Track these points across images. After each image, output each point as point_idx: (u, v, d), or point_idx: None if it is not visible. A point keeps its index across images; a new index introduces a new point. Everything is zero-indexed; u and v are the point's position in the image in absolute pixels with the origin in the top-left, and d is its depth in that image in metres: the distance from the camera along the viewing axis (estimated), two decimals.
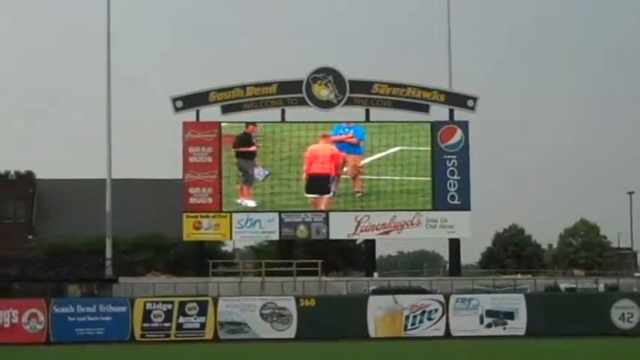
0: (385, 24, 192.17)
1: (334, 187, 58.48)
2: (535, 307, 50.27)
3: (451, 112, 59.98)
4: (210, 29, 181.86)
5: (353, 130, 59.14)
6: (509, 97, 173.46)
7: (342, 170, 58.74)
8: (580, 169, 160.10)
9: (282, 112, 59.26)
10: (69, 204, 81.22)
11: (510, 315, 50.22)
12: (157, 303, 49.68)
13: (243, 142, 58.52)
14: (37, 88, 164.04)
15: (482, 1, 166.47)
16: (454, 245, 59.91)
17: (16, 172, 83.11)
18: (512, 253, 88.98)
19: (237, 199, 58.30)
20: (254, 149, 58.45)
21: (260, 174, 58.35)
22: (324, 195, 58.33)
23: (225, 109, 58.93)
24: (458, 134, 59.48)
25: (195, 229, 58.19)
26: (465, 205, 58.88)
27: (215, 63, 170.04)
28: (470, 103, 59.96)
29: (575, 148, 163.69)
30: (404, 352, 42.04)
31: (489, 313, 50.19)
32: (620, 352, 40.24)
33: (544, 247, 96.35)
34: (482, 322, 50.14)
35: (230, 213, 58.19)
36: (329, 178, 58.37)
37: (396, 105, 59.78)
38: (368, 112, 59.61)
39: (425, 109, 59.80)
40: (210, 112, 59.07)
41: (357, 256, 75.30)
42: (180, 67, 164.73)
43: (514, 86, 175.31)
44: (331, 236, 59.44)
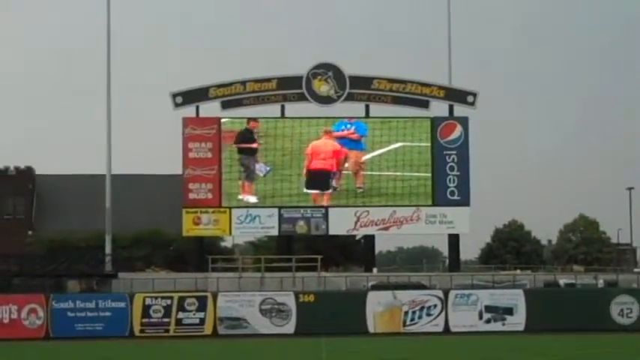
0: (385, 19, 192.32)
1: (335, 183, 58.38)
2: (534, 303, 50.31)
3: (451, 107, 59.92)
4: (210, 25, 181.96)
5: (354, 126, 59.05)
6: (508, 93, 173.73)
7: (344, 166, 58.67)
8: (580, 164, 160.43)
9: (282, 107, 59.18)
10: (68, 199, 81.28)
11: (509, 310, 50.26)
12: (156, 298, 49.77)
13: (244, 139, 58.45)
14: (36, 84, 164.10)
15: None
16: (453, 241, 59.86)
17: (16, 168, 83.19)
18: (511, 248, 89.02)
19: (239, 194, 58.25)
20: (256, 146, 58.40)
21: (261, 170, 58.29)
22: (324, 191, 58.28)
23: (225, 104, 58.84)
24: (458, 130, 59.41)
25: (195, 224, 58.15)
26: (465, 201, 58.83)
27: (215, 59, 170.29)
28: (470, 98, 59.89)
29: (575, 143, 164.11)
30: (403, 347, 42.01)
31: (488, 308, 50.23)
32: (620, 348, 40.24)
33: (543, 242, 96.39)
34: (481, 317, 50.20)
35: (229, 208, 58.14)
36: (330, 173, 58.28)
37: (396, 101, 59.68)
38: (368, 108, 59.52)
39: (425, 104, 59.72)
40: (210, 108, 59.03)
41: (356, 252, 75.30)
42: (180, 62, 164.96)
43: (514, 82, 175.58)
44: (331, 232, 59.37)
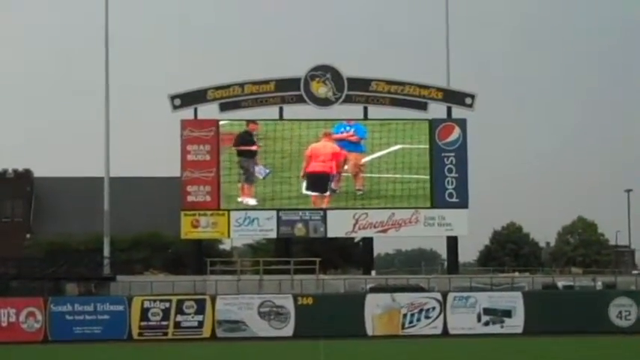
0: (383, 21, 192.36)
1: (335, 185, 58.33)
2: (533, 305, 50.28)
3: (449, 109, 59.88)
4: (209, 27, 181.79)
5: (354, 129, 59.01)
6: (507, 95, 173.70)
7: (344, 168, 58.63)
8: (578, 167, 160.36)
9: (280, 109, 59.12)
10: (67, 202, 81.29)
11: (508, 313, 50.22)
12: (154, 301, 49.71)
13: (244, 141, 58.39)
14: (35, 86, 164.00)
15: (480, 0, 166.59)
16: (452, 243, 59.81)
17: (14, 171, 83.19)
18: (509, 251, 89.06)
19: (238, 197, 58.21)
20: (255, 148, 58.35)
21: (261, 172, 58.24)
22: (324, 193, 58.22)
23: (223, 106, 58.80)
24: (456, 132, 59.37)
25: (193, 227, 58.09)
26: (463, 203, 58.78)
27: (213, 61, 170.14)
28: (468, 100, 59.86)
29: (574, 146, 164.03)
30: (401, 350, 42.02)
31: (487, 311, 50.20)
32: (618, 350, 40.26)
33: (542, 244, 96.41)
34: (479, 320, 50.16)
35: (228, 211, 58.08)
36: (329, 176, 58.23)
37: (394, 102, 59.64)
38: (366, 110, 59.48)
39: (423, 106, 59.67)
40: (208, 110, 58.97)
41: (354, 254, 75.26)
42: (179, 64, 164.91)
43: (512, 84, 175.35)
44: (329, 234, 59.32)
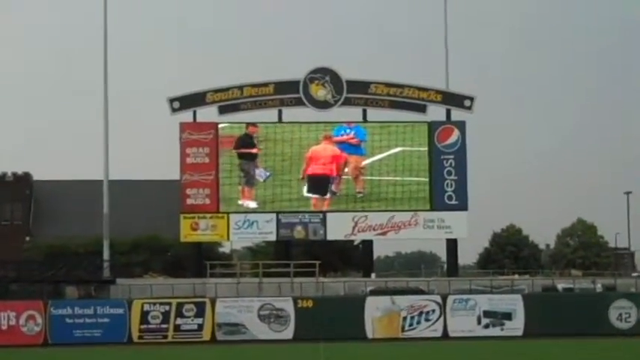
0: (382, 24, 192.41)
1: (335, 188, 58.30)
2: (533, 308, 50.22)
3: (448, 112, 59.88)
4: (208, 30, 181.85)
5: (354, 131, 59.00)
6: (506, 97, 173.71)
7: (344, 171, 58.59)
8: (577, 168, 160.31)
9: (279, 112, 59.10)
10: (66, 205, 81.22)
11: (508, 315, 50.16)
12: (154, 304, 49.63)
13: (244, 144, 58.36)
14: (34, 86, 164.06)
15: (479, 2, 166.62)
16: (451, 245, 59.80)
17: (14, 174, 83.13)
18: (509, 253, 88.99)
19: (239, 200, 58.19)
20: (256, 151, 58.32)
21: (261, 175, 58.22)
22: (324, 196, 58.18)
23: (222, 109, 58.80)
24: (455, 134, 59.37)
25: (193, 230, 58.07)
26: (463, 206, 58.77)
27: (212, 63, 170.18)
28: (467, 103, 59.87)
29: (573, 147, 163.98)
30: (401, 353, 42.00)
31: (487, 313, 50.13)
32: (618, 352, 40.24)
33: (541, 247, 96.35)
34: (479, 322, 50.08)
35: (227, 214, 58.07)
36: (329, 179, 58.21)
37: (393, 105, 59.64)
38: (365, 113, 59.48)
39: (422, 109, 59.66)
40: (207, 113, 58.97)
41: (354, 257, 75.23)
42: (178, 67, 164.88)
43: (511, 86, 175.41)
44: (328, 237, 59.29)
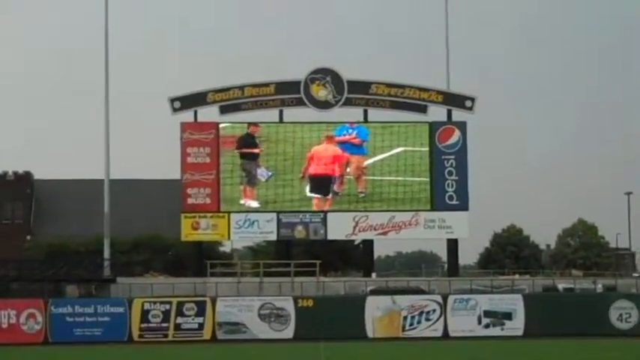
0: (383, 24, 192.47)
1: (337, 188, 58.30)
2: (533, 308, 50.24)
3: (449, 112, 59.90)
4: (209, 30, 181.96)
5: (356, 131, 59.00)
6: (507, 98, 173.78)
7: (346, 171, 58.59)
8: (578, 169, 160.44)
9: (280, 112, 59.12)
10: (67, 204, 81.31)
11: (508, 315, 50.19)
12: (155, 303, 49.67)
13: (246, 143, 58.39)
14: (35, 86, 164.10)
15: (480, 2, 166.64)
16: (452, 245, 59.81)
17: (14, 173, 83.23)
18: (510, 253, 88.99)
19: (240, 199, 58.21)
20: (257, 151, 58.34)
21: (263, 175, 58.23)
22: (326, 196, 58.18)
23: (223, 109, 58.83)
24: (456, 134, 59.39)
25: (194, 229, 58.11)
26: (463, 206, 58.78)
27: (213, 63, 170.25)
28: (468, 103, 59.88)
29: (574, 148, 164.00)
30: (402, 352, 42.01)
31: (487, 313, 50.16)
32: (619, 353, 40.24)
33: (542, 247, 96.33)
34: (480, 322, 50.11)
35: (228, 213, 58.11)
36: (331, 178, 58.22)
37: (394, 105, 59.66)
38: (366, 113, 59.49)
39: (423, 109, 59.68)
40: (208, 113, 59.01)
41: (355, 257, 75.23)
42: (179, 67, 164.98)
43: (512, 86, 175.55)
44: (329, 237, 59.33)
